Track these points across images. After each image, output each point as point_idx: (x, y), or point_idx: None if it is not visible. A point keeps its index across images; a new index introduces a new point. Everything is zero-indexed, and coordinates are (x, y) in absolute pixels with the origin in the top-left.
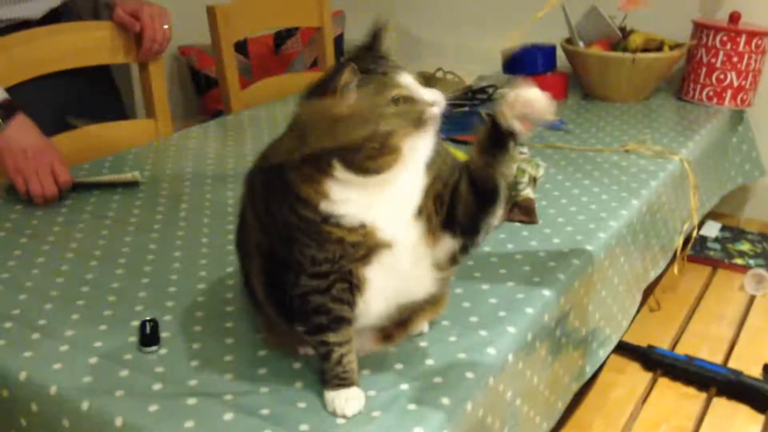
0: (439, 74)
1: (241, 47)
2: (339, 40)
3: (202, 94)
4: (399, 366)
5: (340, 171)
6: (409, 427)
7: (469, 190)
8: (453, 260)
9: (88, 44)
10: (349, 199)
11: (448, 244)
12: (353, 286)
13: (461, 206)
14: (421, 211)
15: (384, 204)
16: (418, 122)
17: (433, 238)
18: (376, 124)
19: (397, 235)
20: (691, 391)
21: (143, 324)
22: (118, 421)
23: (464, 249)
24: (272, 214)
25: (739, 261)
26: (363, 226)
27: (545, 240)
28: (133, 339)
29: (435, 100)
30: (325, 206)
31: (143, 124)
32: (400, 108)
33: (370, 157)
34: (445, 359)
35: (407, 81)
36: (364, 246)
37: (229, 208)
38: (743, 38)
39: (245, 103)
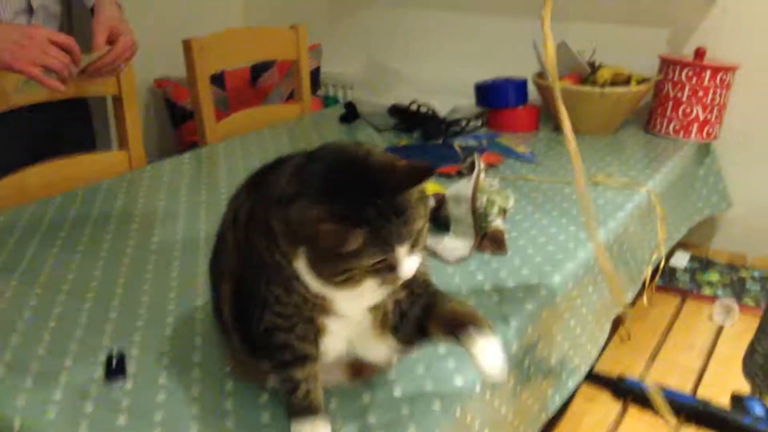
0: (413, 107)
1: (218, 79)
2: (316, 73)
3: (177, 126)
4: (366, 397)
5: (306, 267)
6: None
7: (422, 318)
8: (402, 349)
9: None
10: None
11: (390, 339)
12: (315, 329)
13: (409, 323)
14: (377, 306)
15: (343, 294)
16: (387, 284)
17: (381, 331)
18: (350, 273)
19: (350, 314)
20: (660, 420)
21: (109, 357)
22: None
23: (401, 351)
24: (251, 244)
25: (707, 291)
26: (323, 296)
27: (514, 271)
28: (100, 373)
29: (409, 276)
30: (296, 266)
31: (116, 155)
32: (378, 270)
33: (327, 277)
34: (413, 390)
35: (399, 254)
36: (321, 308)
37: (201, 241)
38: (708, 73)
39: (221, 135)
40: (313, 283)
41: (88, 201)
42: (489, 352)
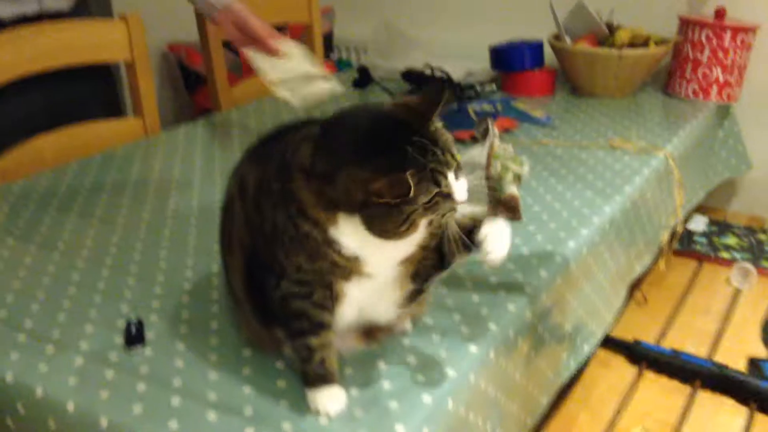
0: (428, 71)
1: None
2: (329, 37)
3: (192, 91)
4: (381, 364)
5: (356, 223)
6: (391, 425)
7: (440, 246)
8: (409, 299)
9: (80, 42)
10: (354, 233)
11: (409, 286)
12: (332, 295)
13: (428, 260)
14: (408, 259)
15: (379, 248)
16: (443, 214)
17: (402, 285)
18: (412, 217)
19: (381, 272)
20: (676, 384)
21: (129, 324)
22: (103, 422)
23: (417, 292)
24: (262, 213)
25: (725, 255)
26: (356, 258)
27: (529, 237)
28: (119, 339)
29: (464, 198)
30: (332, 232)
31: (130, 122)
32: (435, 203)
33: (391, 230)
34: (427, 357)
35: (450, 180)
36: (350, 270)
37: (216, 206)
38: (728, 34)
39: (235, 100)
40: (353, 244)
41: (104, 168)
42: (492, 237)
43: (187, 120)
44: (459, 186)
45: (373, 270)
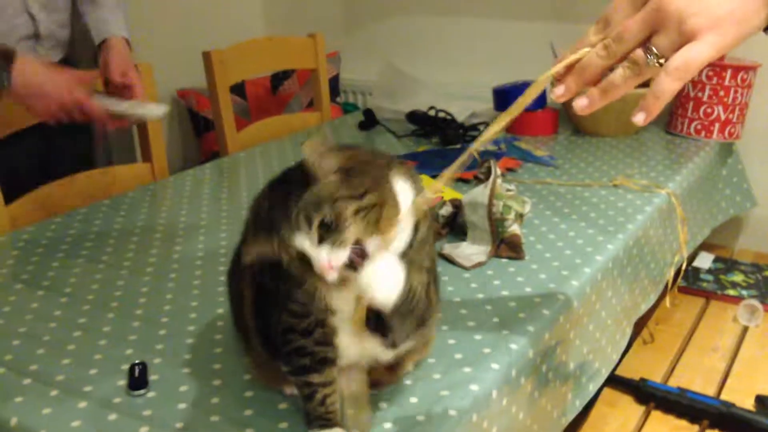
0: (432, 112)
1: (238, 89)
2: (335, 80)
3: (200, 135)
4: (383, 404)
5: None
6: None
7: None
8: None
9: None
10: None
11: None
12: (331, 332)
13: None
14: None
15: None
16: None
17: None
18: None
19: (343, 311)
20: (683, 423)
21: (132, 367)
22: None
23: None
24: None
25: (732, 292)
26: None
27: (532, 275)
28: (123, 382)
29: (324, 266)
30: None
31: (139, 167)
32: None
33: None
34: (429, 397)
35: (307, 246)
36: (321, 302)
37: (222, 250)
38: (729, 72)
39: (242, 144)
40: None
41: (111, 214)
42: (373, 275)
43: (195, 164)
44: (317, 254)
45: (337, 307)
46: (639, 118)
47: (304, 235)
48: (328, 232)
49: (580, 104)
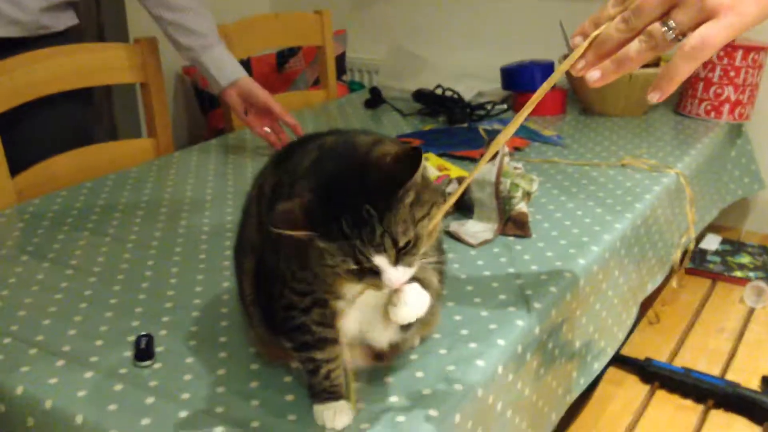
0: (438, 91)
1: (244, 66)
2: (341, 59)
3: (206, 113)
4: (389, 378)
5: None
6: None
7: None
8: (403, 327)
9: (94, 64)
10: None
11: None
12: (331, 313)
13: None
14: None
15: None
16: (372, 288)
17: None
18: (335, 269)
19: (355, 297)
20: (688, 403)
21: (138, 339)
22: None
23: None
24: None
25: (738, 274)
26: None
27: (538, 254)
28: (129, 354)
29: (395, 286)
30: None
31: (145, 143)
32: (361, 274)
33: (315, 264)
34: (435, 372)
35: (378, 262)
36: (329, 286)
37: (228, 225)
38: (740, 53)
39: None
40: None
41: (117, 188)
42: (405, 296)
43: (201, 141)
44: (391, 272)
45: (350, 293)
46: (653, 97)
47: (383, 254)
48: (404, 251)
49: (594, 77)
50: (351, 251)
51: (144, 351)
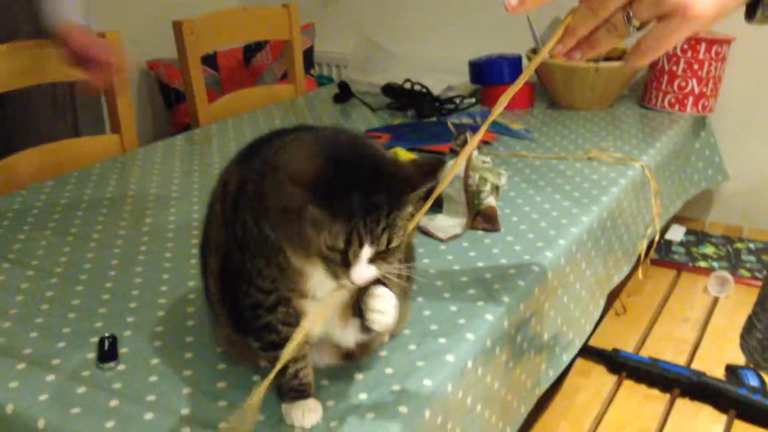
0: (407, 85)
1: (210, 60)
2: (309, 52)
3: (171, 107)
4: (358, 375)
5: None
6: None
7: None
8: (367, 330)
9: (54, 61)
10: None
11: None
12: (295, 313)
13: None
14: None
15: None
16: (334, 278)
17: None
18: (312, 244)
19: (323, 294)
20: (655, 392)
21: (102, 340)
22: None
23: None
24: (237, 213)
25: (703, 264)
26: (300, 272)
27: (507, 247)
28: (92, 356)
29: (358, 284)
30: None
31: (108, 139)
32: (332, 258)
33: (290, 240)
34: (404, 367)
35: (360, 254)
36: (294, 284)
37: (194, 222)
38: (703, 46)
39: (214, 116)
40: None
41: (80, 185)
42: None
43: (166, 136)
44: (361, 269)
45: (315, 290)
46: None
47: (372, 247)
48: (383, 254)
49: (575, 56)
50: (348, 230)
51: (108, 352)
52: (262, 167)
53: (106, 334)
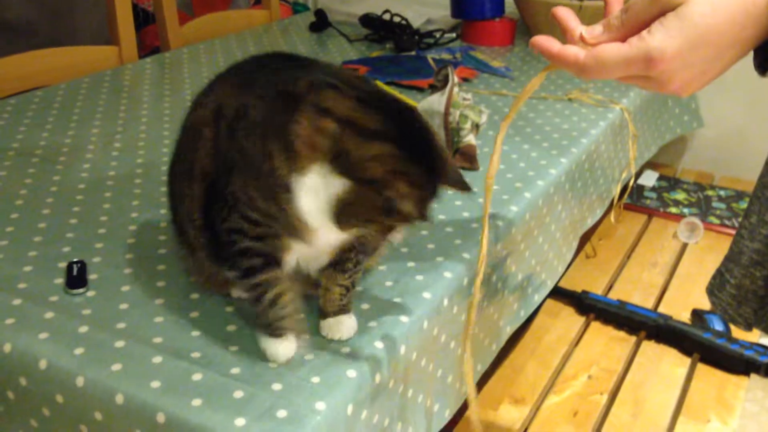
0: (386, 16)
1: None
2: None
3: (140, 29)
4: None
5: (321, 186)
6: (342, 370)
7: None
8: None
9: None
10: (314, 193)
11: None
12: (280, 245)
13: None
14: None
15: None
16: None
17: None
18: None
19: (321, 239)
20: (622, 334)
21: (70, 265)
22: (42, 364)
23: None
24: (234, 140)
25: (673, 210)
26: (306, 223)
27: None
28: (60, 281)
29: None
30: (295, 182)
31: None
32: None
33: (347, 220)
34: (381, 303)
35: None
36: (293, 226)
37: (164, 148)
38: None
39: (184, 40)
40: (307, 202)
41: (44, 104)
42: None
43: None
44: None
45: (316, 242)
46: None
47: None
48: None
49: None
50: (424, 198)
51: (76, 278)
52: (279, 100)
53: (75, 260)
